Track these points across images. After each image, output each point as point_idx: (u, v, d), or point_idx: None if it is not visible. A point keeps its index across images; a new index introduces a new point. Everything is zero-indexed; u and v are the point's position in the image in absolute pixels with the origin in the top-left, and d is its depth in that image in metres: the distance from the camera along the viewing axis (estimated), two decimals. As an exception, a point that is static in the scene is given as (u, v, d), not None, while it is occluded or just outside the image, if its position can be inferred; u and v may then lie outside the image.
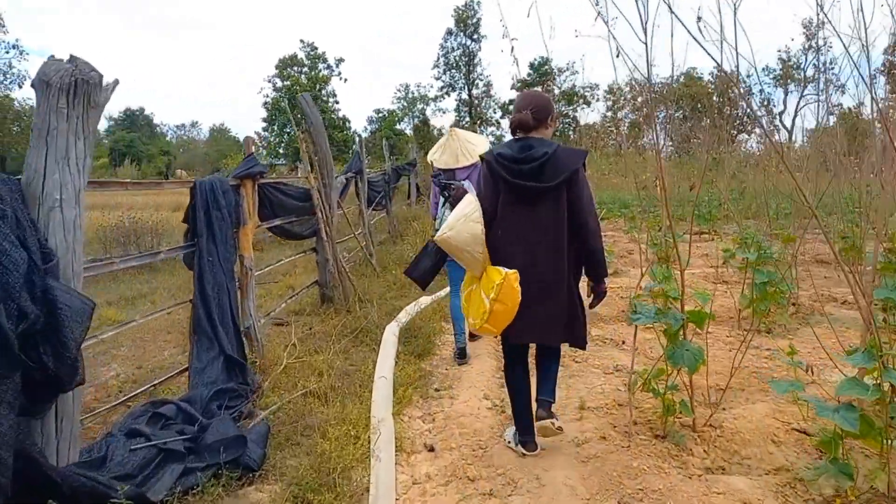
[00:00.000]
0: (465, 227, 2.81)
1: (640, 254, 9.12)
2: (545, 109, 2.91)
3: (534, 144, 2.82)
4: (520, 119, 2.88)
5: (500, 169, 2.82)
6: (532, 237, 2.81)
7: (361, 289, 6.43)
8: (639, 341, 5.04)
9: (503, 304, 2.72)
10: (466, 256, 2.86)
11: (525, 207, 2.81)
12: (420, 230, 9.32)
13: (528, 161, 2.77)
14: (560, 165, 2.75)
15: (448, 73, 53.43)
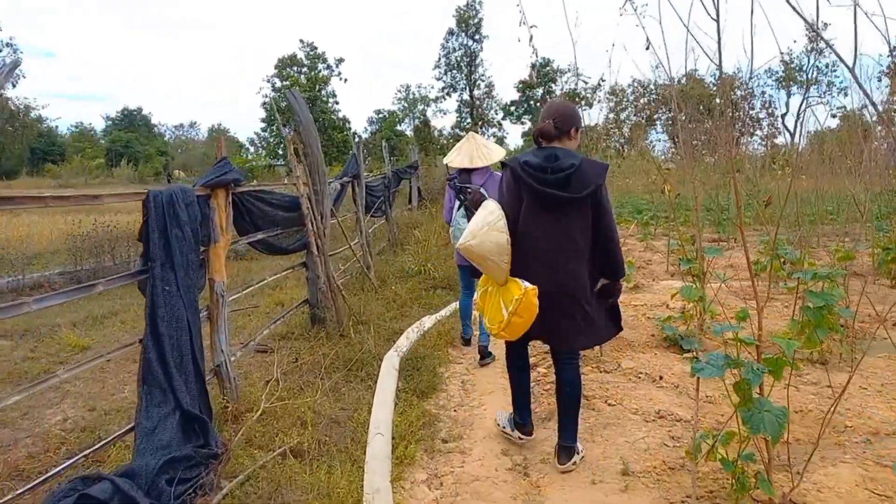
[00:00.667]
0: (488, 237, 2.81)
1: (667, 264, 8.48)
2: (569, 120, 2.92)
3: (559, 155, 2.83)
4: (542, 128, 2.91)
5: (526, 176, 2.81)
6: (555, 246, 2.82)
7: (357, 308, 5.73)
8: (676, 374, 4.37)
9: (521, 318, 2.77)
10: (490, 265, 2.87)
11: (551, 216, 2.82)
12: (422, 238, 8.64)
13: (555, 171, 2.78)
14: (586, 178, 2.76)
15: (449, 74, 52.76)
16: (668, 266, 8.42)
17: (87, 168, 55.20)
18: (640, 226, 11.68)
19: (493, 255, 2.82)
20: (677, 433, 3.38)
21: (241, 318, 6.11)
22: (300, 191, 5.00)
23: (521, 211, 2.87)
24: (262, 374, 4.30)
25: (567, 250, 2.82)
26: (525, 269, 2.84)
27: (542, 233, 2.84)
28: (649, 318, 5.79)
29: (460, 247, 2.90)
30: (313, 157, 5.27)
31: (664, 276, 7.97)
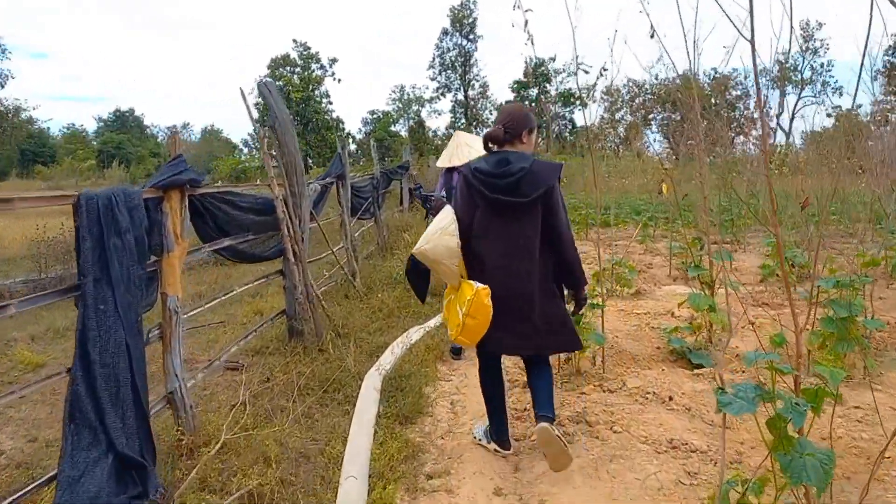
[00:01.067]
0: (440, 241, 2.86)
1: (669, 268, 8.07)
2: (520, 124, 2.92)
3: (510, 159, 2.84)
4: (492, 133, 2.93)
5: (478, 183, 2.85)
6: (509, 250, 2.84)
7: (340, 319, 5.32)
8: (687, 394, 3.97)
9: (474, 319, 2.78)
10: (443, 268, 2.91)
11: (502, 221, 2.85)
12: (412, 242, 8.19)
13: (505, 176, 2.80)
14: (537, 180, 2.78)
15: (444, 74, 52.41)
16: (670, 270, 8.03)
17: (79, 170, 54.63)
18: (640, 227, 11.28)
19: (445, 259, 2.88)
20: (693, 467, 2.97)
21: (212, 330, 5.68)
22: (274, 193, 4.58)
23: (476, 216, 2.90)
24: (228, 397, 3.88)
25: (521, 254, 2.83)
26: (480, 273, 2.88)
27: (495, 237, 2.86)
28: (654, 328, 5.38)
29: (415, 251, 2.96)
30: (290, 157, 4.85)
31: (666, 281, 7.58)
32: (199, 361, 4.73)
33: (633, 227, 12.89)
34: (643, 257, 9.38)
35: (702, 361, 4.48)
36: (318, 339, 4.74)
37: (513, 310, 2.83)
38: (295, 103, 52.16)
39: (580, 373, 4.22)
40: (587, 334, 4.08)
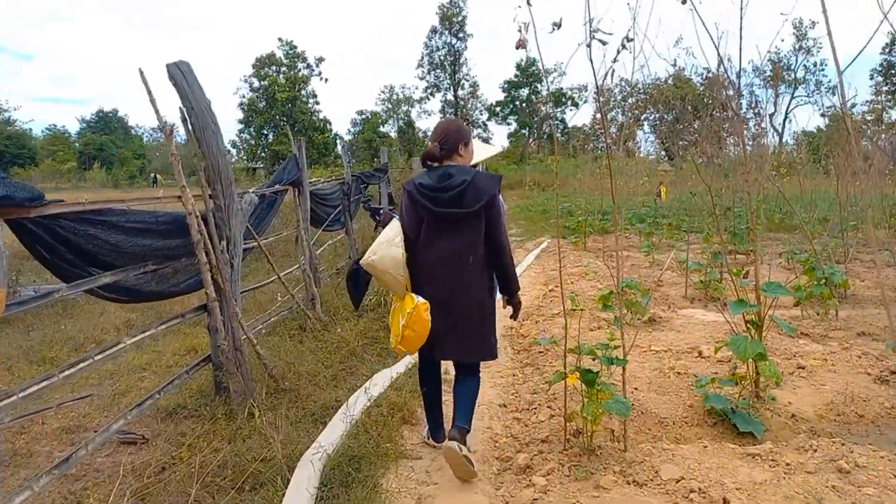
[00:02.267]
0: (388, 252, 2.96)
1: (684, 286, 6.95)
2: (454, 138, 3.01)
3: (452, 173, 2.92)
4: (428, 151, 3.04)
5: (422, 198, 2.92)
6: (453, 261, 2.92)
7: (283, 364, 4.20)
8: (745, 490, 2.88)
9: (413, 331, 2.86)
10: (389, 279, 3.00)
11: (446, 233, 2.93)
12: None
13: (448, 189, 2.88)
14: (479, 192, 2.85)
15: (433, 73, 51.39)
16: (685, 289, 6.95)
17: (59, 171, 53.08)
18: (643, 236, 10.21)
19: (391, 269, 2.95)
20: None
21: (126, 374, 4.55)
22: (187, 207, 3.46)
23: (422, 230, 2.97)
24: (102, 495, 2.75)
25: (463, 266, 2.92)
26: (424, 284, 2.97)
27: (439, 249, 2.94)
28: (679, 373, 4.30)
29: (363, 263, 3.03)
30: (212, 159, 3.73)
31: (683, 303, 6.51)
32: (90, 429, 3.60)
33: (634, 234, 11.83)
34: (649, 271, 8.30)
35: (752, 429, 3.40)
36: (247, 397, 3.61)
37: (454, 318, 2.95)
38: (281, 103, 50.99)
39: (594, 452, 3.11)
40: (604, 402, 3.00)
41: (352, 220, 7.87)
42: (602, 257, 9.72)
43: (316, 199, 6.69)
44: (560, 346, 4.82)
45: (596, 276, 7.81)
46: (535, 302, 6.91)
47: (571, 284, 7.40)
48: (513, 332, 5.87)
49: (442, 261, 2.93)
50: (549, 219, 14.58)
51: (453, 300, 2.93)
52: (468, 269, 2.92)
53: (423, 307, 2.84)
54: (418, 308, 2.83)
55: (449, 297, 2.93)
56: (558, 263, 8.32)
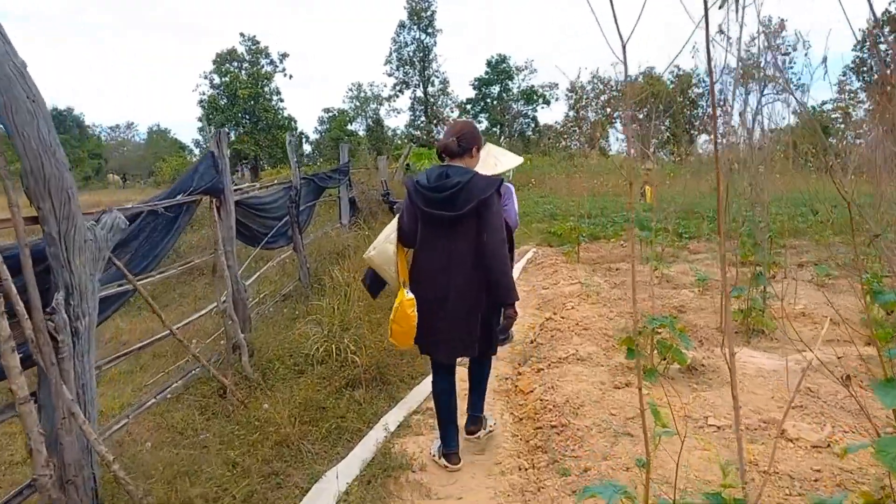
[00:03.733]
0: (384, 248, 3.05)
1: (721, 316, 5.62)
2: (472, 139, 3.02)
3: (450, 173, 2.90)
4: (445, 144, 3.00)
5: (417, 197, 2.95)
6: (445, 262, 2.93)
7: (174, 471, 2.72)
8: None
9: (399, 326, 2.93)
10: (385, 274, 3.09)
11: (439, 233, 2.94)
12: (343, 281, 5.62)
13: (441, 190, 2.87)
14: (471, 194, 2.82)
15: (401, 70, 49.73)
16: (722, 318, 5.60)
17: (7, 173, 49.95)
18: (647, 245, 8.90)
19: (385, 265, 3.04)
20: None
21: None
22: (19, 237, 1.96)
23: (418, 228, 3.00)
24: None
25: (454, 266, 2.92)
26: (419, 282, 3.01)
27: (432, 249, 2.97)
28: (766, 472, 2.92)
29: (365, 257, 3.17)
30: (32, 160, 2.24)
31: (720, 338, 5.18)
32: None
33: (626, 240, 10.54)
34: (661, 290, 6.98)
35: None
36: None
37: (448, 318, 2.95)
38: (243, 101, 48.87)
39: None
40: None
41: (301, 234, 6.37)
42: (600, 271, 8.39)
43: (251, 211, 5.19)
44: (590, 425, 3.43)
45: (600, 298, 6.45)
46: (530, 335, 5.53)
47: (573, 310, 6.03)
48: (509, 386, 4.47)
49: (436, 261, 2.96)
50: (531, 223, 13.22)
51: (446, 300, 2.94)
52: (458, 272, 2.92)
53: (407, 303, 2.88)
54: (403, 304, 2.88)
55: (442, 298, 2.94)
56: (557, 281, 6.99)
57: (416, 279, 3.02)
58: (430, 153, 11.72)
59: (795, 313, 5.80)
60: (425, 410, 3.94)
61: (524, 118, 53.27)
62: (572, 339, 5.14)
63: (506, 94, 52.43)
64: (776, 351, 4.92)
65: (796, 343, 5.17)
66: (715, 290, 6.85)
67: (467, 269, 2.90)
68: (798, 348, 5.06)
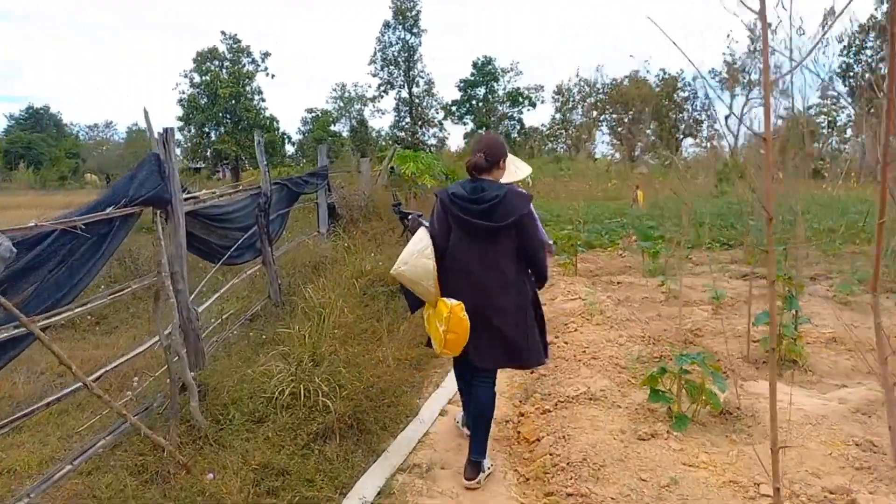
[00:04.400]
0: (417, 262, 3.04)
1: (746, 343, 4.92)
2: (498, 153, 3.12)
3: (485, 187, 3.04)
4: (475, 162, 3.08)
5: (454, 208, 3.03)
6: (480, 270, 3.02)
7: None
8: None
9: (454, 333, 2.96)
10: (421, 289, 3.09)
11: (474, 243, 3.04)
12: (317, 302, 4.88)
13: (480, 202, 2.99)
14: (509, 208, 2.96)
15: (386, 70, 48.95)
16: (747, 346, 4.96)
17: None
18: (649, 256, 8.29)
19: (422, 280, 3.04)
20: None
21: None
22: None
23: (451, 238, 3.09)
24: None
25: (491, 274, 3.03)
26: (454, 291, 3.04)
27: (468, 258, 3.05)
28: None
29: (393, 272, 3.16)
30: None
31: (747, 371, 4.56)
32: None
33: (624, 249, 9.93)
34: (671, 309, 6.36)
35: None
36: None
37: (483, 325, 3.00)
38: (223, 100, 47.85)
39: None
40: None
41: (272, 245, 5.67)
42: (600, 285, 7.77)
43: (211, 223, 4.48)
44: (616, 496, 2.77)
45: (605, 318, 5.81)
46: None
47: (576, 333, 5.40)
48: (510, 432, 3.81)
49: (470, 270, 3.05)
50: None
51: (481, 308, 3.01)
52: (494, 280, 3.03)
53: (458, 308, 2.94)
54: (454, 311, 2.93)
55: (476, 305, 3.00)
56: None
57: (450, 286, 3.07)
58: (415, 155, 11.05)
59: (825, 338, 5.21)
60: (412, 468, 3.26)
61: (510, 120, 52.77)
62: (580, 370, 4.49)
63: (491, 96, 51.91)
64: (814, 386, 4.31)
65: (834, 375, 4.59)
66: (730, 308, 6.25)
67: (501, 274, 3.03)
68: (837, 382, 4.47)
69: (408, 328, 5.08)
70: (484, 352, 3.08)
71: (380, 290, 5.70)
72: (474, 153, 3.11)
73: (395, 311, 5.38)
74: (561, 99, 53.38)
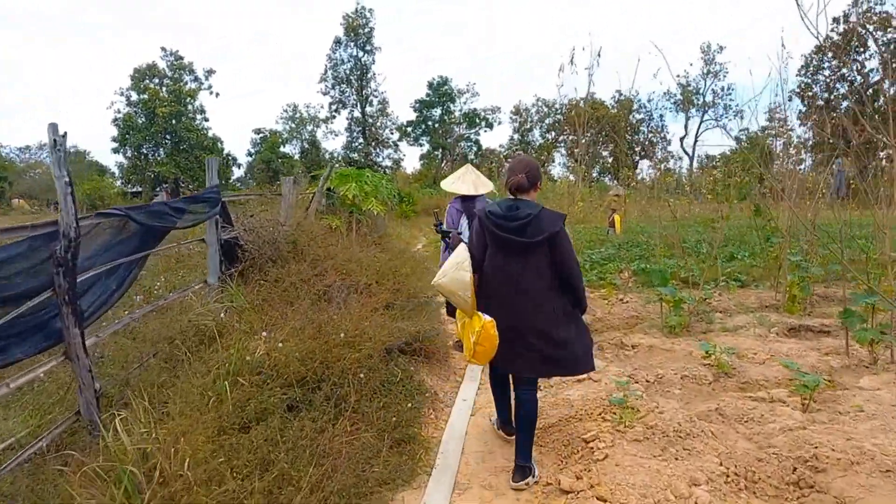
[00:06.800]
0: (456, 275, 3.25)
1: None
2: (536, 175, 3.30)
3: (520, 206, 3.21)
4: (518, 182, 3.24)
5: (491, 225, 3.22)
6: (515, 283, 3.18)
7: None
8: None
9: (483, 346, 3.16)
10: (458, 299, 3.27)
11: (509, 258, 3.20)
12: (205, 388, 2.55)
13: (514, 220, 3.17)
14: (542, 225, 3.13)
15: (337, 88, 46.64)
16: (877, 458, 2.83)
17: None
18: (669, 305, 6.14)
19: (459, 291, 3.23)
20: None
21: None
22: None
23: (488, 253, 3.28)
24: None
25: (526, 287, 3.17)
26: (490, 303, 3.24)
27: (504, 272, 3.21)
28: None
29: (434, 284, 3.34)
30: None
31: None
32: None
33: (624, 293, 7.79)
34: (733, 400, 4.20)
35: None
36: None
37: (518, 336, 3.18)
38: (162, 119, 44.68)
39: None
40: None
41: (83, 323, 3.29)
42: (609, 351, 5.58)
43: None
44: None
45: (646, 426, 3.60)
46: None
47: (607, 461, 3.18)
48: None
49: (505, 284, 3.19)
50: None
51: (516, 320, 3.17)
52: (529, 293, 3.15)
53: (489, 325, 3.13)
54: (486, 326, 3.12)
55: (511, 317, 3.17)
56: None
57: (484, 299, 3.26)
58: (358, 174, 8.75)
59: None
60: None
61: (467, 141, 51.06)
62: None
63: (447, 117, 50.15)
64: None
65: None
66: (830, 402, 4.10)
67: (536, 288, 3.16)
68: None
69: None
70: (515, 361, 3.24)
71: (276, 395, 3.34)
72: (515, 174, 3.25)
73: (295, 447, 3.02)
74: (519, 119, 52.02)
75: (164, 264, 7.40)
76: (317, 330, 4.05)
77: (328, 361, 3.78)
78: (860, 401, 3.94)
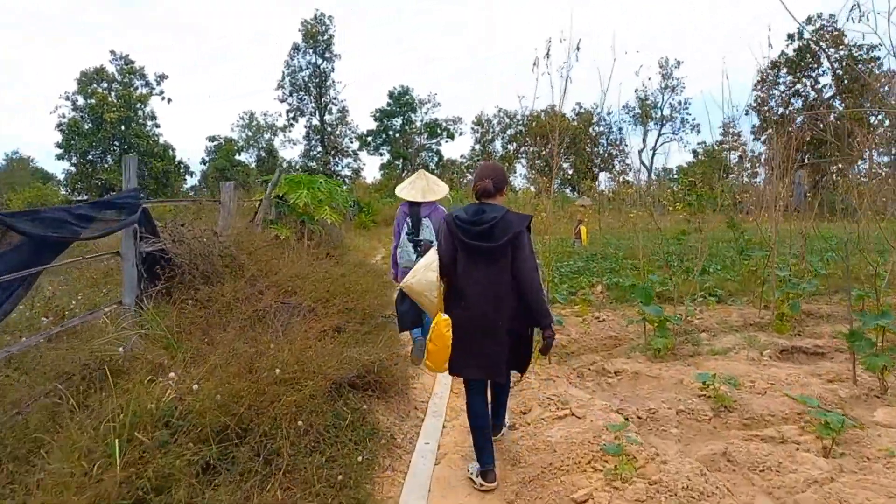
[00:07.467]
0: (424, 276, 3.27)
1: None
2: (502, 180, 3.32)
3: (486, 210, 3.23)
4: (484, 187, 3.26)
5: (457, 230, 3.23)
6: (480, 287, 3.17)
7: None
8: None
9: (434, 345, 3.16)
10: (425, 300, 3.30)
11: (476, 262, 3.19)
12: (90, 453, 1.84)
13: (480, 223, 3.17)
14: (507, 226, 3.13)
15: (295, 95, 45.55)
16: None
17: None
18: (654, 326, 5.56)
19: (426, 291, 3.26)
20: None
21: None
22: None
23: (456, 258, 3.25)
24: None
25: (490, 291, 3.15)
26: (457, 306, 3.22)
27: (470, 277, 3.19)
28: None
29: (403, 285, 3.37)
30: None
31: None
32: None
33: (599, 310, 7.21)
34: (741, 441, 3.61)
35: None
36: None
37: (482, 339, 3.17)
38: (110, 124, 42.80)
39: None
40: None
41: None
42: (590, 378, 4.96)
43: None
44: None
45: (647, 481, 2.97)
46: None
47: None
48: None
49: (469, 287, 3.18)
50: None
51: (482, 323, 3.16)
52: (496, 297, 3.14)
53: (443, 323, 3.14)
54: (439, 323, 3.14)
55: (478, 321, 3.15)
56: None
57: (454, 304, 3.24)
58: (310, 180, 7.97)
59: None
60: None
61: (428, 152, 50.51)
62: None
63: (408, 127, 49.54)
64: None
65: None
66: (852, 444, 3.54)
67: (498, 292, 3.15)
68: None
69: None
70: (481, 364, 3.21)
71: (187, 455, 2.59)
72: (482, 179, 3.28)
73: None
74: (480, 130, 51.77)
75: (89, 277, 6.50)
76: (246, 365, 3.30)
77: (258, 406, 3.04)
78: (887, 442, 3.40)
